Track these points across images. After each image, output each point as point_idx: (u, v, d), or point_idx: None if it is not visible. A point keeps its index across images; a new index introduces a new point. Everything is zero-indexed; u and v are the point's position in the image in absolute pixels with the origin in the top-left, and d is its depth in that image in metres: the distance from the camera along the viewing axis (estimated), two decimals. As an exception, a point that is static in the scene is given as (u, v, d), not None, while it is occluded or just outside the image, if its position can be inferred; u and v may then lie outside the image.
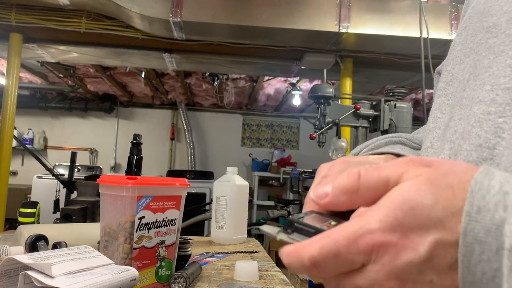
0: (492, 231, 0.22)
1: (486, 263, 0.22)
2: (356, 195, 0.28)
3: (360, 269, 0.25)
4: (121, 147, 6.14)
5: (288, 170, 5.65)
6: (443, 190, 0.24)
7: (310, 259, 0.25)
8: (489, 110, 0.34)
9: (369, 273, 0.25)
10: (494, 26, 0.38)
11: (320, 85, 2.60)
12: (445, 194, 0.24)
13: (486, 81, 0.36)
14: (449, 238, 0.23)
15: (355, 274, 0.26)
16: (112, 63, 3.91)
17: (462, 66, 0.42)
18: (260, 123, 6.62)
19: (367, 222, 0.25)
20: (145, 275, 0.73)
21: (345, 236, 0.25)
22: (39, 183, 5.04)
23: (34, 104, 5.85)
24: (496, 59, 0.37)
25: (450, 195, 0.24)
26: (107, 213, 0.73)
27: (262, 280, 0.91)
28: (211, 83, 4.92)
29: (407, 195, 0.25)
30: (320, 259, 0.25)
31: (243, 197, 1.41)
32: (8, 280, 0.60)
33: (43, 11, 3.05)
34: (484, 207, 0.23)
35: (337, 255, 0.25)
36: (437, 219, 0.24)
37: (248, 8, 2.76)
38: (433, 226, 0.24)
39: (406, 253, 0.24)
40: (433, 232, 0.24)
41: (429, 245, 0.24)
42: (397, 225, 0.24)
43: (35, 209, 1.49)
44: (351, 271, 0.26)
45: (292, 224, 0.29)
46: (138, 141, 1.47)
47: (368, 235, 0.25)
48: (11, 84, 3.28)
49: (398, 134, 0.51)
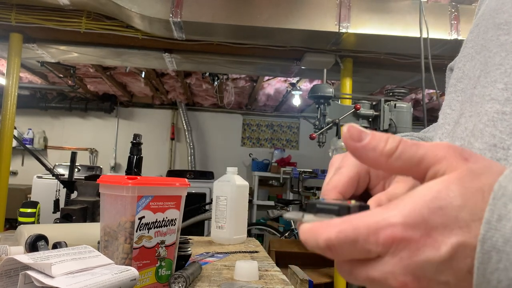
0: (511, 241, 0.22)
1: (503, 271, 0.22)
2: (386, 158, 0.27)
3: (375, 259, 0.25)
4: (121, 147, 6.14)
5: (288, 170, 5.65)
6: (473, 194, 0.24)
7: (326, 241, 0.25)
8: (504, 110, 0.34)
9: (385, 265, 0.25)
10: (506, 23, 0.38)
11: (320, 85, 2.60)
12: (474, 197, 0.24)
13: (498, 79, 0.36)
14: (472, 242, 0.23)
15: (369, 263, 0.26)
16: (112, 63, 3.91)
17: (473, 63, 0.42)
18: (260, 123, 6.62)
19: (391, 215, 0.25)
20: (145, 275, 0.73)
21: (366, 224, 0.25)
22: (39, 183, 5.04)
23: (34, 104, 5.85)
24: (508, 56, 0.36)
25: (480, 199, 0.24)
26: (107, 213, 0.73)
27: (262, 280, 0.91)
28: (211, 83, 4.92)
29: (437, 194, 0.24)
30: (336, 243, 0.25)
31: (243, 197, 1.41)
32: (8, 280, 0.60)
33: (43, 11, 3.05)
34: (506, 215, 0.22)
35: (355, 242, 0.25)
36: (463, 222, 0.23)
37: (248, 8, 2.76)
38: (458, 228, 0.23)
39: (426, 251, 0.24)
40: (457, 234, 0.23)
41: (451, 246, 0.23)
42: (422, 222, 0.24)
43: (35, 209, 1.50)
44: (365, 259, 0.26)
45: (314, 205, 0.28)
46: (138, 141, 1.47)
47: (390, 228, 0.24)
48: (11, 84, 3.28)
49: (410, 134, 0.51)
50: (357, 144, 0.27)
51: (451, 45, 2.86)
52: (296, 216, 0.29)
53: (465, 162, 0.25)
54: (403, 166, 0.27)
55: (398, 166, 0.27)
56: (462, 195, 0.24)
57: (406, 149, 0.26)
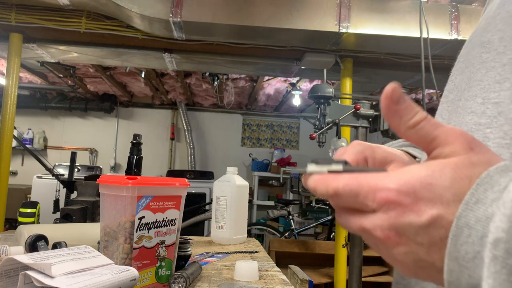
0: (482, 221, 0.26)
1: (470, 245, 0.26)
2: (407, 128, 0.32)
3: (369, 212, 0.31)
4: (121, 147, 6.14)
5: (288, 170, 5.64)
6: (462, 179, 0.28)
7: (335, 189, 0.31)
8: (480, 122, 0.40)
9: (376, 218, 0.30)
10: (488, 42, 0.42)
11: (320, 85, 2.60)
12: (462, 182, 0.28)
13: (478, 94, 0.41)
14: (449, 217, 0.28)
15: (364, 215, 0.31)
16: (112, 63, 3.91)
17: (462, 76, 0.47)
18: (260, 123, 6.62)
19: (390, 181, 0.30)
20: (145, 275, 0.73)
21: (368, 183, 0.30)
22: (39, 183, 5.04)
23: (34, 104, 5.85)
24: (487, 73, 0.41)
25: (466, 184, 0.28)
26: (107, 213, 0.73)
27: (262, 280, 0.91)
28: (211, 83, 4.92)
29: (431, 173, 0.29)
30: (342, 192, 0.31)
31: (243, 197, 1.41)
32: (8, 280, 0.60)
33: (43, 11, 3.05)
34: (482, 200, 0.27)
35: (357, 195, 0.30)
36: (446, 200, 0.28)
37: (248, 8, 2.76)
38: (440, 203, 0.28)
39: (410, 216, 0.29)
40: (438, 208, 0.28)
41: (431, 216, 0.28)
42: (412, 192, 0.29)
43: (35, 209, 1.50)
44: (362, 211, 0.31)
45: (316, 160, 0.35)
46: (138, 141, 1.47)
47: (386, 190, 0.29)
48: (11, 84, 3.28)
49: (404, 143, 0.55)
50: (392, 105, 0.32)
51: (451, 45, 2.86)
52: (301, 169, 0.35)
53: (469, 151, 0.30)
54: (417, 139, 0.32)
55: (413, 138, 0.32)
56: (451, 178, 0.28)
57: (426, 126, 0.31)
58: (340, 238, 3.02)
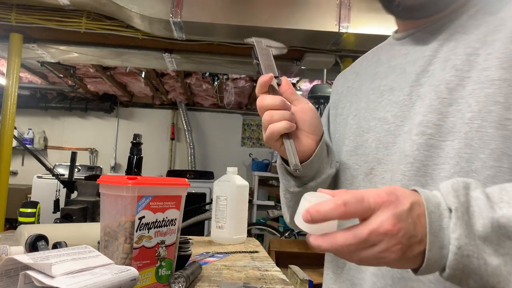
0: (436, 206, 0.45)
1: (436, 220, 0.44)
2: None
3: (371, 215, 0.42)
4: (121, 147, 6.14)
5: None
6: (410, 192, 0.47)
7: (344, 200, 0.42)
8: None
9: (380, 216, 0.42)
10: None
11: (320, 85, 2.60)
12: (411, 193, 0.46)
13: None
14: (420, 206, 0.44)
15: (368, 220, 0.42)
16: (112, 63, 3.91)
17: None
18: (260, 123, 6.60)
19: (375, 190, 0.45)
20: (145, 275, 0.73)
21: (365, 193, 0.44)
22: (39, 183, 5.04)
23: (34, 104, 5.85)
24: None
25: (413, 193, 0.46)
26: (107, 213, 0.73)
27: (262, 280, 0.91)
28: (211, 83, 4.92)
29: (390, 187, 0.46)
30: (350, 199, 0.42)
31: (243, 197, 1.41)
32: (8, 280, 0.60)
33: (43, 11, 3.05)
34: (431, 199, 0.45)
35: (361, 200, 0.42)
36: (411, 194, 0.45)
37: (248, 8, 2.76)
38: (409, 197, 0.44)
39: (400, 206, 0.43)
40: (411, 198, 0.44)
41: (410, 203, 0.43)
42: (393, 193, 0.44)
43: (35, 209, 1.50)
44: (365, 220, 0.42)
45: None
46: (138, 141, 1.48)
47: (381, 194, 0.43)
48: (11, 84, 3.28)
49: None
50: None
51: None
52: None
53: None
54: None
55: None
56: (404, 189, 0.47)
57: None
58: (340, 238, 3.02)
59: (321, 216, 0.41)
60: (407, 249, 0.42)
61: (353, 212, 0.41)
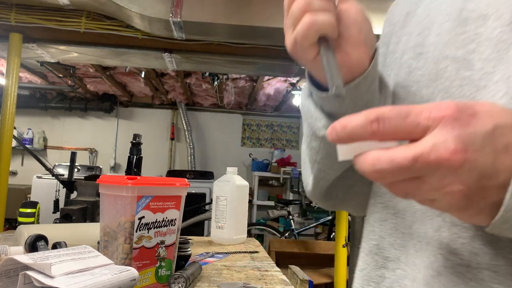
0: None
1: None
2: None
3: (425, 135, 0.28)
4: (121, 147, 6.13)
5: (288, 170, 5.65)
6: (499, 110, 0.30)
7: (378, 114, 0.29)
8: None
9: (437, 135, 0.28)
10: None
11: (320, 85, 2.60)
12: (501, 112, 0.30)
13: None
14: (509, 126, 0.29)
15: (416, 143, 0.28)
16: (112, 63, 3.91)
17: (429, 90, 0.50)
18: (260, 123, 6.61)
19: (442, 103, 0.29)
20: (145, 275, 0.73)
21: (418, 106, 0.29)
22: (39, 183, 5.04)
23: (34, 104, 5.85)
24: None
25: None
26: (107, 213, 0.73)
27: (262, 280, 0.91)
28: (211, 83, 4.92)
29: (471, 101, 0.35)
30: (388, 114, 0.29)
31: (243, 197, 1.40)
32: (8, 280, 0.60)
33: (43, 11, 3.05)
34: None
35: (406, 115, 0.29)
36: (499, 113, 0.29)
37: (248, 8, 2.76)
38: (496, 115, 0.29)
39: (474, 125, 0.28)
40: (496, 118, 0.29)
41: (494, 124, 0.28)
42: (470, 107, 0.29)
43: (35, 209, 1.49)
44: (414, 140, 0.29)
45: None
46: (138, 141, 1.47)
47: (443, 107, 0.28)
48: (11, 84, 3.28)
49: None
50: None
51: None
52: None
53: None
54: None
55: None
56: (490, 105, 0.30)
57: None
58: (340, 238, 3.02)
59: (346, 134, 0.30)
60: (475, 194, 0.28)
61: (390, 131, 0.28)
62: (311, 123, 0.51)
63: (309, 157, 0.54)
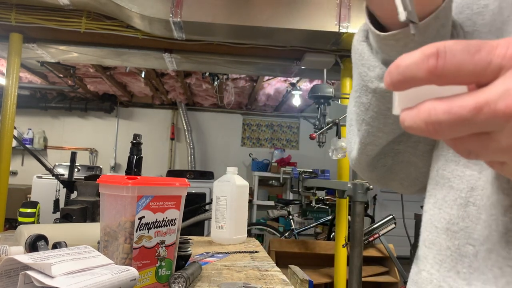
0: None
1: None
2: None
3: (490, 81, 0.22)
4: (121, 147, 6.14)
5: (288, 170, 5.65)
6: None
7: (438, 47, 0.23)
8: None
9: (505, 80, 0.21)
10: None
11: (320, 85, 2.60)
12: None
13: None
14: None
15: (484, 88, 0.22)
16: (112, 63, 3.91)
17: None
18: (260, 123, 6.62)
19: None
20: (145, 275, 0.73)
21: (489, 42, 0.23)
22: (39, 183, 5.04)
23: (34, 104, 5.85)
24: None
25: None
26: (107, 213, 0.73)
27: (262, 280, 0.91)
28: (211, 83, 4.92)
29: None
30: (450, 49, 0.23)
31: (243, 197, 1.41)
32: (8, 280, 0.60)
33: (43, 11, 3.05)
34: None
35: (476, 51, 0.22)
36: None
37: (248, 8, 2.76)
38: None
39: None
40: None
41: None
42: None
43: (35, 209, 1.50)
44: (492, 74, 0.22)
45: None
46: (138, 141, 1.47)
47: (508, 45, 0.22)
48: (11, 84, 3.28)
49: None
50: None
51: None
52: None
53: None
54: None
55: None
56: None
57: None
58: (340, 238, 3.02)
59: (399, 75, 0.24)
60: None
61: (451, 69, 0.22)
62: (363, 73, 0.44)
63: (356, 115, 0.47)
